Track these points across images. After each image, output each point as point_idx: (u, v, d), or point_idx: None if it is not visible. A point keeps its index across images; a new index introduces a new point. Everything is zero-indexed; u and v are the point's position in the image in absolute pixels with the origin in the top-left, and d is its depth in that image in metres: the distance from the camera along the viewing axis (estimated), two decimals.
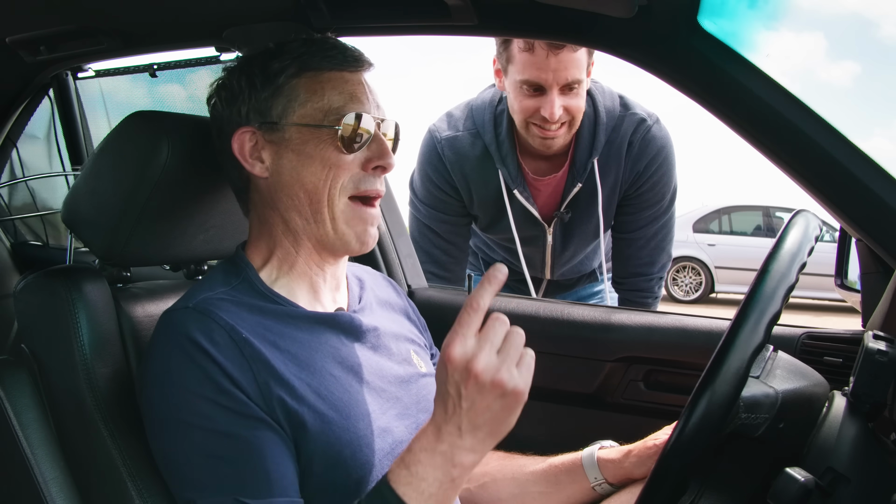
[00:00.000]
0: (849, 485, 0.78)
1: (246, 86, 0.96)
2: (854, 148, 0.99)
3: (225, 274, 0.97)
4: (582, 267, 2.03)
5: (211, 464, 0.83)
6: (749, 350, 0.74)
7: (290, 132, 0.94)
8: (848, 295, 1.33)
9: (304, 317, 0.95)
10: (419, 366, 1.07)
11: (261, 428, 0.84)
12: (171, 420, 0.85)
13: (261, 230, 1.00)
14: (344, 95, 0.95)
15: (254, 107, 0.96)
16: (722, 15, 1.08)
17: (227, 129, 0.98)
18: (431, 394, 1.04)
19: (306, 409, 0.88)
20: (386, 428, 0.95)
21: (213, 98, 1.01)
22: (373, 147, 0.96)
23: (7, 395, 0.95)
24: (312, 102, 0.94)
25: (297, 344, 0.92)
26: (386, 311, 1.11)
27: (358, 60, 0.98)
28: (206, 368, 0.84)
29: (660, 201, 1.83)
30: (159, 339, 0.89)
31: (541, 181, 1.81)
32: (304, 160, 0.94)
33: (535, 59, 1.59)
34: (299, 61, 0.95)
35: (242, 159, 0.96)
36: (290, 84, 0.95)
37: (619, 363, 1.42)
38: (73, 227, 1.08)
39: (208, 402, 0.83)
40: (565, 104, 1.63)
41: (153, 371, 0.88)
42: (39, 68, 1.66)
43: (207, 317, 0.87)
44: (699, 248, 9.48)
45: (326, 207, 0.94)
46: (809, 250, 0.82)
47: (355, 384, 0.95)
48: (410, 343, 1.09)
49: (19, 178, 2.31)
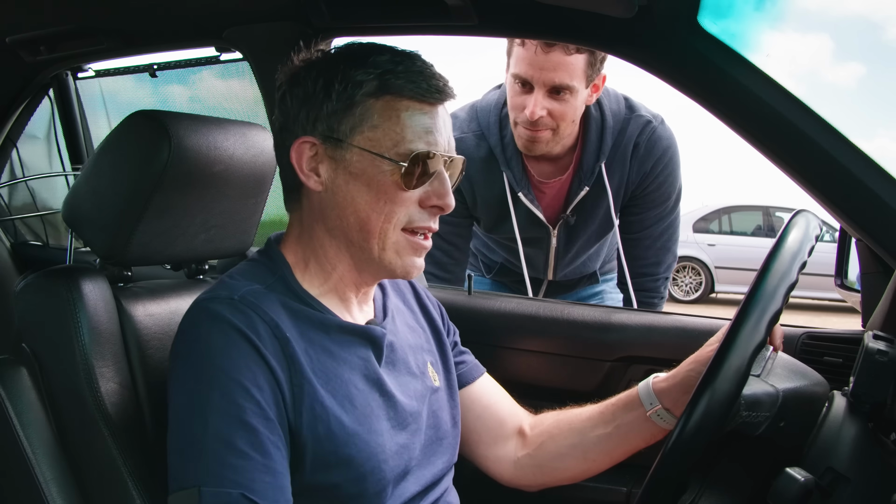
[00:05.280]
0: (849, 485, 0.78)
1: (321, 91, 0.91)
2: (854, 148, 0.99)
3: (260, 269, 0.95)
4: (584, 268, 2.03)
5: (226, 452, 0.80)
6: (750, 348, 0.74)
7: (353, 153, 0.90)
8: (848, 295, 1.33)
9: (337, 326, 0.93)
10: (433, 379, 1.05)
11: (279, 432, 0.83)
12: (199, 399, 0.82)
13: (301, 235, 0.97)
14: (418, 130, 0.90)
15: (323, 117, 0.91)
16: (722, 15, 1.08)
17: (292, 128, 0.93)
18: (441, 409, 1.04)
19: (330, 421, 0.86)
20: (404, 445, 0.94)
21: (283, 87, 0.95)
22: (434, 185, 0.92)
23: (7, 394, 0.95)
24: (384, 129, 0.90)
25: (327, 353, 0.90)
26: (406, 319, 1.08)
27: (441, 92, 0.92)
28: (248, 356, 0.82)
29: (665, 201, 1.83)
30: (198, 323, 0.86)
31: (546, 184, 1.81)
32: (361, 186, 0.90)
33: (526, 53, 1.59)
34: (381, 80, 0.89)
35: (299, 169, 0.93)
36: (366, 104, 0.90)
37: (619, 363, 1.42)
38: (73, 226, 1.08)
39: (242, 390, 0.81)
40: (549, 107, 1.62)
41: (191, 348, 0.85)
42: (39, 68, 1.66)
43: (252, 310, 0.85)
44: (699, 248, 9.48)
45: (377, 238, 0.91)
46: (810, 250, 0.82)
47: (378, 398, 0.93)
48: (427, 354, 1.07)
49: (19, 178, 2.31)
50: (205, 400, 0.81)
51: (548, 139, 1.67)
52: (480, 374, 1.17)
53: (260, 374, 0.82)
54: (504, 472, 1.13)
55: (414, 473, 0.96)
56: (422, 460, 0.98)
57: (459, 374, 1.14)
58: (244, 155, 1.09)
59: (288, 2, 1.30)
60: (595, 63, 1.61)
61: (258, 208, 1.18)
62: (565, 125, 1.66)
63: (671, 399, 1.02)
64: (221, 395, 0.81)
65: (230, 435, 0.80)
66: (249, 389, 0.81)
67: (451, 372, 1.11)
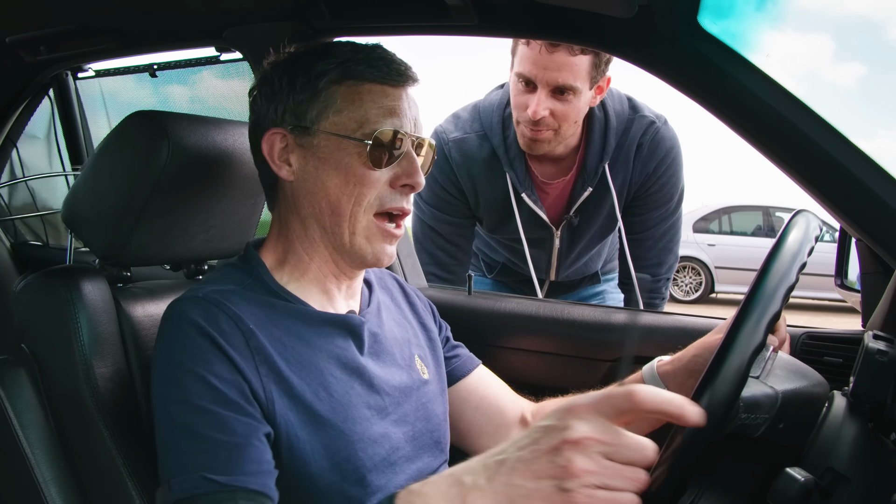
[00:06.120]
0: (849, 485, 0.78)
1: (286, 85, 0.95)
2: (854, 148, 0.99)
3: (236, 272, 0.97)
4: (586, 269, 2.03)
5: (186, 439, 0.81)
6: (749, 350, 0.73)
7: (320, 139, 0.93)
8: (848, 295, 1.33)
9: (313, 315, 0.95)
10: (422, 372, 1.06)
11: (247, 416, 0.83)
12: (163, 397, 0.84)
13: (279, 231, 1.00)
14: (381, 109, 0.93)
15: (290, 108, 0.94)
16: (722, 15, 1.08)
17: (262, 124, 0.97)
18: (432, 402, 1.04)
19: (303, 409, 0.87)
20: (384, 433, 0.94)
21: (254, 90, 0.99)
22: (403, 164, 0.94)
23: (7, 395, 0.95)
24: (348, 112, 0.93)
25: (302, 342, 0.92)
26: (392, 314, 1.10)
27: (402, 75, 0.95)
28: (205, 349, 0.84)
29: (668, 202, 1.83)
30: (165, 325, 0.89)
31: (549, 184, 1.80)
32: (330, 170, 0.93)
33: (530, 52, 1.59)
34: (343, 67, 0.93)
35: (270, 160, 0.96)
36: (330, 90, 0.93)
37: (618, 363, 1.42)
38: (73, 226, 1.08)
39: (198, 380, 0.82)
40: (552, 107, 1.62)
41: (156, 353, 0.88)
42: (39, 68, 1.66)
43: (215, 306, 0.87)
44: (699, 248, 9.47)
45: (347, 221, 0.94)
46: (809, 250, 0.82)
47: (356, 387, 0.94)
48: (415, 348, 1.08)
49: (19, 178, 2.31)
50: (166, 396, 0.84)
51: (549, 139, 1.67)
52: (475, 365, 1.18)
53: (218, 363, 0.83)
54: None
55: (401, 465, 0.96)
56: (410, 453, 0.98)
57: (454, 368, 1.15)
58: (243, 155, 1.09)
59: (288, 2, 1.30)
60: (599, 65, 1.60)
61: (257, 208, 1.18)
62: (567, 126, 1.66)
63: (676, 382, 1.02)
64: (178, 388, 0.83)
65: (190, 423, 0.81)
66: (206, 377, 0.82)
67: (441, 367, 1.12)
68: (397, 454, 0.96)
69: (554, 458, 0.63)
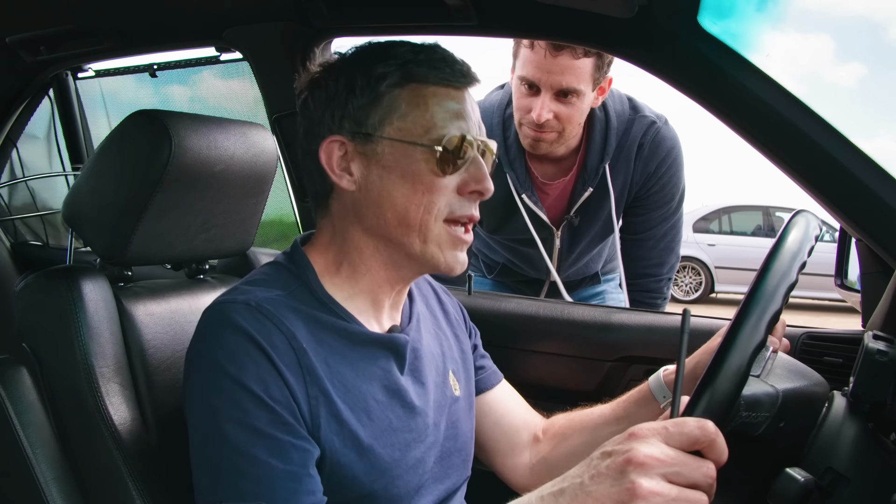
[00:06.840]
0: (849, 485, 0.78)
1: (344, 89, 0.89)
2: (854, 148, 0.99)
3: (283, 273, 0.92)
4: (586, 269, 2.03)
5: (244, 463, 0.77)
6: (750, 348, 0.74)
7: (384, 146, 0.88)
8: (848, 295, 1.33)
9: (359, 336, 0.90)
10: (454, 388, 1.03)
11: (302, 440, 0.80)
12: (213, 410, 0.79)
13: (333, 239, 0.94)
14: (448, 113, 0.88)
15: (349, 114, 0.89)
16: (722, 15, 1.08)
17: (317, 130, 0.91)
18: (461, 420, 1.02)
19: (347, 434, 0.84)
20: (420, 459, 0.92)
21: (304, 93, 0.94)
22: (471, 170, 0.89)
23: (7, 394, 0.95)
24: (413, 117, 0.88)
25: (347, 363, 0.88)
26: (429, 325, 1.06)
27: (466, 76, 0.90)
28: (260, 365, 0.80)
29: (669, 202, 1.83)
30: (212, 328, 0.83)
31: (549, 185, 1.81)
32: (396, 178, 0.87)
33: (535, 56, 1.59)
34: (404, 69, 0.88)
35: (329, 170, 0.90)
36: (392, 94, 0.88)
37: (619, 363, 1.42)
38: (73, 226, 1.08)
39: (254, 399, 0.78)
40: (556, 110, 1.62)
41: (199, 357, 0.83)
42: (39, 68, 1.66)
43: (267, 318, 0.82)
44: (699, 248, 9.48)
45: (417, 231, 0.88)
46: (810, 250, 0.82)
47: (396, 409, 0.91)
48: (450, 362, 1.05)
49: (19, 178, 2.32)
50: (218, 411, 0.79)
51: (553, 140, 1.68)
52: (498, 380, 1.16)
53: (273, 384, 0.80)
54: (520, 479, 1.12)
55: (427, 488, 0.94)
56: (437, 473, 0.96)
57: (478, 380, 1.12)
58: (244, 155, 1.09)
59: (288, 2, 1.30)
60: (602, 66, 1.61)
61: (258, 208, 1.18)
62: (571, 127, 1.67)
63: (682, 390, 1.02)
64: (233, 406, 0.78)
65: (247, 445, 0.77)
66: (261, 396, 0.79)
67: (471, 380, 1.09)
68: (426, 476, 0.94)
69: (619, 480, 0.62)
